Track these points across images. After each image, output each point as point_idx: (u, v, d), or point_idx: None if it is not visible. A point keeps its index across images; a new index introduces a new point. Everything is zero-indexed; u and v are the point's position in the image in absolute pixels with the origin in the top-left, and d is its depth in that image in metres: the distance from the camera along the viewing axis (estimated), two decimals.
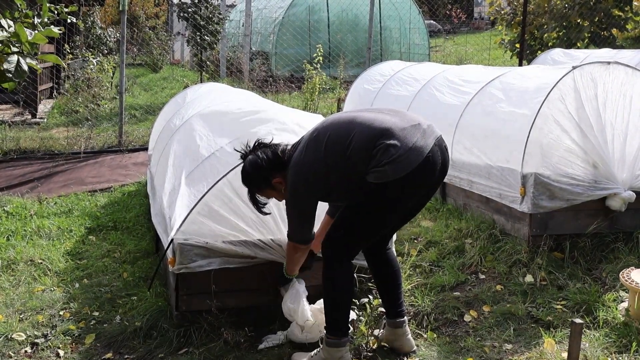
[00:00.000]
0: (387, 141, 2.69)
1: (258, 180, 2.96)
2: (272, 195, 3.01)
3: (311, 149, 2.82)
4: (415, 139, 2.74)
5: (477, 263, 4.21)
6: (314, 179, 2.81)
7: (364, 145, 2.72)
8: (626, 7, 11.66)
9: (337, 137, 2.79)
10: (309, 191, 2.84)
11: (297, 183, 2.83)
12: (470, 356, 3.16)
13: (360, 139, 2.74)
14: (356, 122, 2.81)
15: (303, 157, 2.84)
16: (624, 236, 4.29)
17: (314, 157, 2.80)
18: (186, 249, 3.22)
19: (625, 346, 3.16)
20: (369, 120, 2.80)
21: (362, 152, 2.72)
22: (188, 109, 4.93)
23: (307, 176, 2.82)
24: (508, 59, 14.31)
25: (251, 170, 2.96)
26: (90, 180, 6.67)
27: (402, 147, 2.69)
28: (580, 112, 4.24)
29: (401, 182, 2.70)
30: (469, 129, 5.07)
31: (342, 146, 2.76)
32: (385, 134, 2.72)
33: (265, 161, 2.92)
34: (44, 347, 3.31)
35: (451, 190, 5.32)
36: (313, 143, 2.84)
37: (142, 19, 16.74)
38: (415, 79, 6.53)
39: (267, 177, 2.93)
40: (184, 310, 3.34)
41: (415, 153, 2.71)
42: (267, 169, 2.92)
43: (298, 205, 2.89)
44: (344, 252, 2.94)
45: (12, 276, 4.20)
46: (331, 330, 2.96)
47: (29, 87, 9.55)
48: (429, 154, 2.75)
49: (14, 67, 2.21)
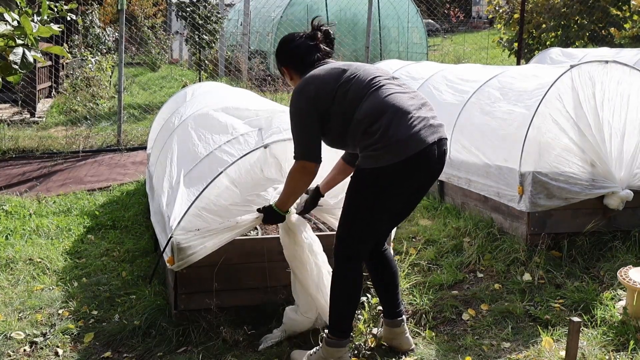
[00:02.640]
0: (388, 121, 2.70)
1: (277, 57, 3.11)
2: (285, 77, 3.14)
3: (328, 74, 2.86)
4: (418, 129, 2.71)
5: (475, 262, 4.22)
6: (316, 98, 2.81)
7: (369, 113, 2.73)
8: (624, 6, 11.67)
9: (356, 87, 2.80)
10: (310, 105, 2.81)
11: (304, 93, 2.85)
12: (468, 355, 3.17)
13: (368, 105, 2.75)
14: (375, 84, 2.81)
15: (319, 75, 2.87)
16: (621, 235, 4.30)
17: (325, 81, 2.83)
18: (185, 248, 3.22)
19: (622, 344, 3.17)
20: (388, 90, 2.80)
21: (364, 118, 2.74)
22: (187, 108, 4.93)
23: (312, 92, 2.82)
24: (506, 58, 14.31)
25: (280, 44, 3.10)
26: (89, 180, 6.68)
27: (403, 133, 2.68)
28: (578, 111, 4.25)
29: (393, 169, 2.70)
30: (467, 127, 5.08)
31: (355, 99, 2.78)
32: (393, 111, 2.72)
33: (297, 51, 3.02)
34: (42, 345, 3.31)
35: (449, 189, 5.32)
36: (336, 71, 2.86)
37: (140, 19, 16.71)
38: (413, 77, 6.53)
39: (281, 61, 3.07)
40: (183, 309, 3.34)
41: (414, 142, 2.69)
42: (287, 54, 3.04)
43: (302, 117, 2.84)
44: (353, 250, 2.91)
45: (11, 275, 4.20)
46: (333, 330, 2.95)
47: (28, 86, 9.54)
48: (427, 149, 2.72)
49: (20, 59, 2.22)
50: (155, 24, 17.68)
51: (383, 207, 2.82)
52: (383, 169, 2.70)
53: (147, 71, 15.98)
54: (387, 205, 2.82)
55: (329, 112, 2.81)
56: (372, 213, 2.83)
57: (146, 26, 16.73)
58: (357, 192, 2.83)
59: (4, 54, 2.19)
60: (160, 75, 15.24)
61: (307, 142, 2.84)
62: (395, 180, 2.74)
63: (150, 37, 16.49)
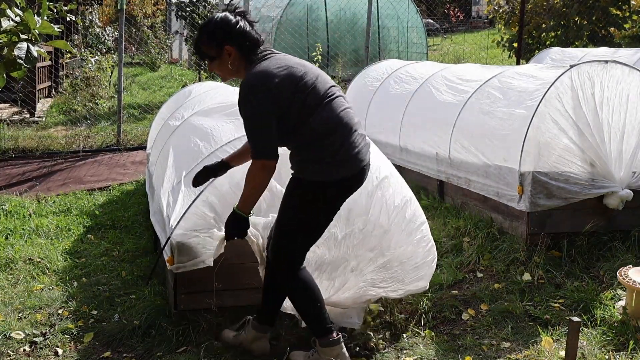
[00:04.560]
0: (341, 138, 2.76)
1: (215, 35, 2.76)
2: (210, 56, 2.81)
3: (287, 72, 2.73)
4: (360, 148, 2.83)
5: (475, 261, 4.22)
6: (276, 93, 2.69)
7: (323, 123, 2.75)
8: (624, 6, 11.66)
9: (318, 89, 2.78)
10: (268, 101, 2.68)
11: (261, 87, 2.67)
12: (468, 354, 3.17)
13: (324, 115, 2.76)
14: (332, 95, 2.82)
15: (276, 70, 2.72)
16: (621, 234, 4.30)
17: (284, 79, 2.71)
18: (184, 247, 3.22)
19: (622, 344, 3.17)
20: (346, 107, 2.86)
21: (318, 127, 2.75)
22: (187, 107, 4.93)
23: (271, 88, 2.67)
24: (506, 58, 14.31)
25: (219, 22, 2.77)
26: (89, 179, 6.68)
27: (351, 151, 2.78)
28: (578, 111, 4.25)
29: (339, 184, 2.79)
30: (466, 127, 5.08)
31: (310, 105, 2.75)
32: (346, 129, 2.79)
33: (239, 27, 2.75)
34: (42, 345, 3.31)
35: (449, 188, 5.32)
36: (292, 71, 2.74)
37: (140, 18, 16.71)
38: (413, 77, 6.53)
39: (224, 40, 2.75)
40: (183, 309, 3.34)
41: (357, 161, 2.81)
42: (231, 33, 2.74)
43: (259, 113, 2.69)
44: (292, 259, 2.91)
45: (10, 275, 4.20)
46: (317, 332, 2.96)
47: (27, 86, 9.54)
48: (365, 167, 2.87)
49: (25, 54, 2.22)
50: (155, 23, 17.68)
51: (327, 220, 2.92)
52: (334, 183, 2.78)
53: (146, 71, 15.96)
54: (330, 219, 2.92)
55: (284, 112, 2.73)
56: (318, 227, 2.90)
57: (146, 26, 16.73)
58: (305, 203, 2.84)
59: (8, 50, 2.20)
60: (160, 75, 15.23)
61: (266, 141, 2.72)
62: (340, 194, 2.85)
63: (150, 36, 16.48)
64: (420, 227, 3.38)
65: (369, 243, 3.28)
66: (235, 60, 2.80)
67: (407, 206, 3.34)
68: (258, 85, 2.70)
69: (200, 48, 2.84)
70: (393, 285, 3.36)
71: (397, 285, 3.37)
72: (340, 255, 3.26)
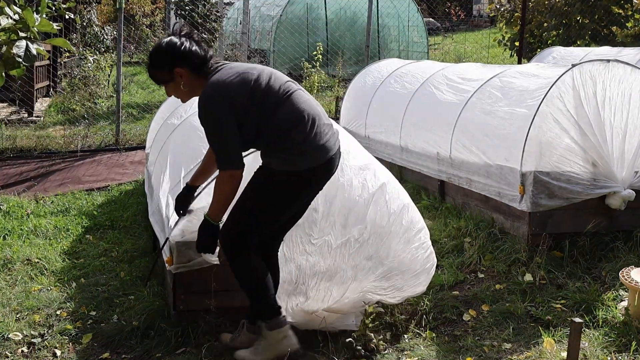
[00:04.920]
0: (305, 129, 2.78)
1: (164, 60, 2.85)
2: (164, 81, 2.90)
3: (240, 80, 2.79)
4: (327, 138, 2.86)
5: (476, 262, 4.20)
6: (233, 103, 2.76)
7: (287, 117, 2.79)
8: (626, 5, 11.64)
9: (272, 91, 2.82)
10: (228, 111, 2.75)
11: (219, 99, 2.75)
12: (469, 355, 3.15)
13: (287, 110, 2.80)
14: (293, 90, 2.86)
15: (231, 80, 2.80)
16: (623, 235, 4.28)
17: (238, 87, 2.78)
18: (184, 248, 3.19)
19: (624, 345, 3.15)
20: (304, 97, 2.89)
21: (282, 122, 2.78)
22: (186, 107, 4.90)
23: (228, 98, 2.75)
24: (507, 57, 14.29)
25: (165, 47, 2.86)
26: (87, 179, 6.65)
27: (316, 141, 2.80)
28: (579, 111, 4.23)
29: (304, 174, 2.81)
30: (467, 127, 5.06)
31: (271, 103, 2.80)
32: (310, 120, 2.81)
33: (185, 48, 2.83)
34: (40, 346, 3.29)
35: (450, 188, 5.30)
36: (246, 78, 2.81)
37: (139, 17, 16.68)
38: (413, 76, 6.51)
39: (173, 63, 2.83)
40: (182, 309, 3.32)
41: (325, 151, 2.83)
42: (179, 54, 2.82)
43: (221, 125, 2.77)
44: (241, 242, 2.88)
45: (8, 275, 4.18)
46: (263, 315, 2.95)
47: (25, 85, 9.50)
48: (334, 156, 2.88)
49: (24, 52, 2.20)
50: (154, 22, 17.65)
51: (287, 208, 2.91)
52: (299, 172, 2.80)
53: (145, 70, 15.92)
54: (290, 207, 2.92)
55: (244, 117, 2.79)
56: (274, 212, 2.89)
57: (145, 25, 16.69)
58: (266, 189, 2.86)
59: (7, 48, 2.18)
60: None
61: (231, 150, 2.80)
62: (300, 186, 2.86)
63: (149, 35, 16.45)
64: (419, 234, 3.37)
65: (365, 251, 3.27)
66: (187, 81, 2.88)
67: (404, 213, 3.33)
68: (214, 96, 2.78)
69: (154, 75, 2.95)
70: (392, 292, 3.37)
71: (396, 293, 3.38)
72: (336, 264, 3.24)
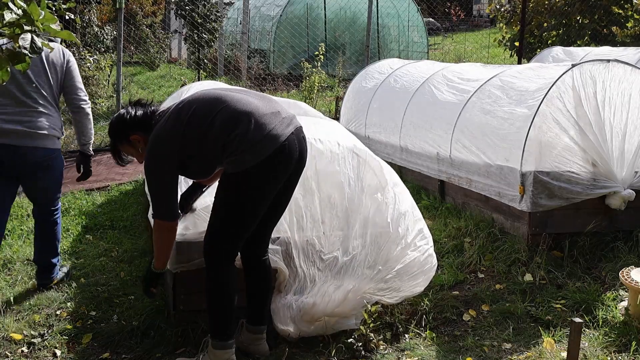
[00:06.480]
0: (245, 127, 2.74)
1: (118, 133, 3.01)
2: (130, 152, 3.04)
3: (172, 119, 2.84)
4: (272, 126, 2.78)
5: (476, 262, 4.20)
6: (169, 150, 2.80)
7: (224, 125, 2.76)
8: (626, 5, 11.63)
9: (201, 111, 2.81)
10: (164, 162, 2.81)
11: (154, 151, 2.83)
12: (469, 355, 3.15)
13: (222, 118, 2.77)
14: (222, 100, 2.83)
15: (163, 126, 2.85)
16: (623, 235, 4.28)
17: (172, 127, 2.82)
18: (183, 247, 3.19)
19: (624, 345, 3.15)
20: (235, 100, 2.83)
21: (221, 132, 2.75)
22: None
23: (163, 145, 2.81)
24: (507, 57, 14.29)
25: (115, 122, 3.03)
26: (87, 179, 6.63)
27: (259, 134, 2.74)
28: (579, 111, 4.23)
29: (258, 169, 2.75)
30: (467, 127, 5.06)
31: (205, 121, 2.78)
32: (246, 117, 2.76)
33: (131, 117, 2.98)
34: (40, 346, 3.29)
35: (450, 188, 5.30)
36: (175, 114, 2.85)
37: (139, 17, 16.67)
38: (413, 76, 6.51)
39: (127, 133, 2.98)
40: (182, 309, 3.32)
41: (271, 140, 2.75)
42: (129, 124, 2.97)
43: (157, 176, 2.84)
44: (222, 252, 2.90)
45: (8, 275, 4.18)
46: (217, 333, 2.93)
47: None
48: (285, 142, 2.79)
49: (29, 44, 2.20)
50: (154, 22, 17.65)
51: (257, 206, 2.86)
52: (246, 171, 2.76)
53: (145, 70, 15.93)
54: (260, 205, 2.87)
55: (186, 154, 2.81)
56: (246, 215, 2.86)
57: (145, 25, 16.69)
58: (230, 195, 2.85)
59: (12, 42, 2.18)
60: (159, 74, 15.20)
61: (168, 202, 2.85)
62: (259, 181, 2.80)
63: (149, 35, 16.45)
64: (418, 237, 3.37)
65: (367, 262, 3.31)
66: (144, 144, 2.96)
67: (403, 218, 3.35)
68: (151, 151, 2.85)
69: (119, 152, 3.06)
70: (390, 293, 3.38)
71: (394, 294, 3.40)
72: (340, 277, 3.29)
